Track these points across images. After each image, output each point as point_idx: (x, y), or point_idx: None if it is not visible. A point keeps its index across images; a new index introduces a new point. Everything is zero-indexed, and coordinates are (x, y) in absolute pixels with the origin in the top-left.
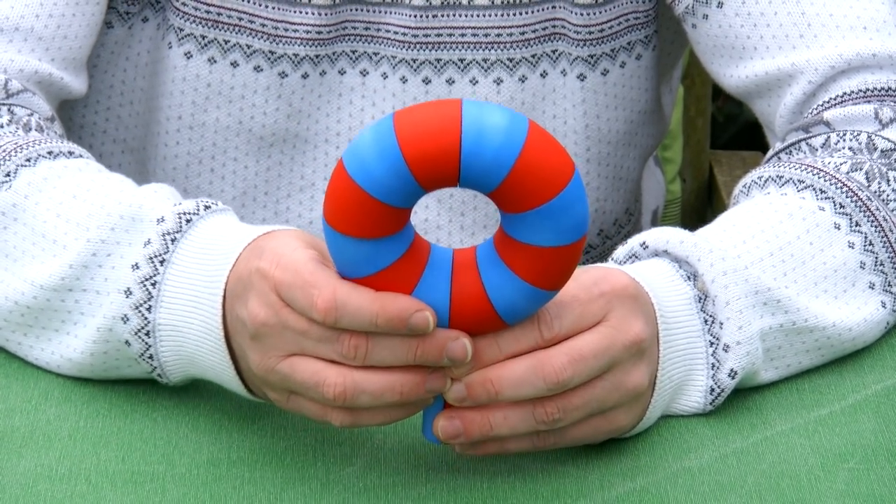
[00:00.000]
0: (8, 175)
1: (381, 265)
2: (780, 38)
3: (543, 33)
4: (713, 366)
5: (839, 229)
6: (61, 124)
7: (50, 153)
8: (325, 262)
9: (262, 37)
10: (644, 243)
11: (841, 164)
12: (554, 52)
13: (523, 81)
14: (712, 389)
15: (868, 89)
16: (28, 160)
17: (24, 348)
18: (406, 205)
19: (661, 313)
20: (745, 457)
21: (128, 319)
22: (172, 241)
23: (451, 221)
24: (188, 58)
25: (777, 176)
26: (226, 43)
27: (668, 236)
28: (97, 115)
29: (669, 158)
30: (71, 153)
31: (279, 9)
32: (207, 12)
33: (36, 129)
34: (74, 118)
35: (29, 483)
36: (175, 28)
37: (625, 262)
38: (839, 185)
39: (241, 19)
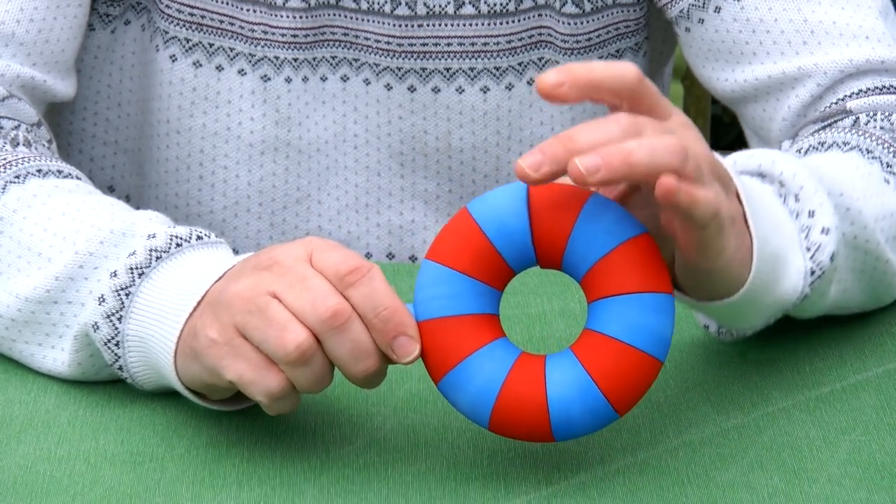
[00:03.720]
0: None
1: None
2: (781, 45)
3: (530, 41)
4: (808, 249)
5: (888, 184)
6: (48, 128)
7: (39, 171)
8: None
9: (243, 39)
10: None
11: (882, 134)
12: (540, 59)
13: (510, 89)
14: (812, 272)
15: (884, 86)
16: (17, 177)
17: (14, 353)
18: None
19: (743, 190)
20: (745, 430)
21: (98, 328)
22: (157, 258)
23: (437, 222)
24: (173, 61)
25: (819, 143)
26: (210, 46)
27: (735, 157)
28: (85, 122)
29: None
30: (60, 172)
31: (257, 11)
32: (191, 15)
33: (24, 144)
34: (62, 124)
35: (28, 464)
36: (161, 30)
37: None
38: (886, 145)
39: (222, 22)
